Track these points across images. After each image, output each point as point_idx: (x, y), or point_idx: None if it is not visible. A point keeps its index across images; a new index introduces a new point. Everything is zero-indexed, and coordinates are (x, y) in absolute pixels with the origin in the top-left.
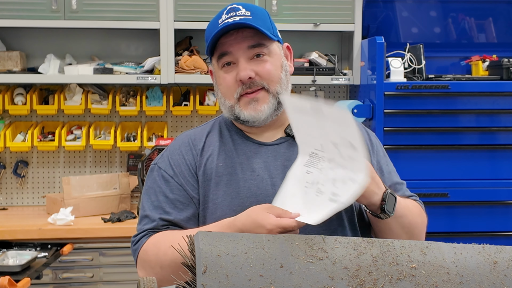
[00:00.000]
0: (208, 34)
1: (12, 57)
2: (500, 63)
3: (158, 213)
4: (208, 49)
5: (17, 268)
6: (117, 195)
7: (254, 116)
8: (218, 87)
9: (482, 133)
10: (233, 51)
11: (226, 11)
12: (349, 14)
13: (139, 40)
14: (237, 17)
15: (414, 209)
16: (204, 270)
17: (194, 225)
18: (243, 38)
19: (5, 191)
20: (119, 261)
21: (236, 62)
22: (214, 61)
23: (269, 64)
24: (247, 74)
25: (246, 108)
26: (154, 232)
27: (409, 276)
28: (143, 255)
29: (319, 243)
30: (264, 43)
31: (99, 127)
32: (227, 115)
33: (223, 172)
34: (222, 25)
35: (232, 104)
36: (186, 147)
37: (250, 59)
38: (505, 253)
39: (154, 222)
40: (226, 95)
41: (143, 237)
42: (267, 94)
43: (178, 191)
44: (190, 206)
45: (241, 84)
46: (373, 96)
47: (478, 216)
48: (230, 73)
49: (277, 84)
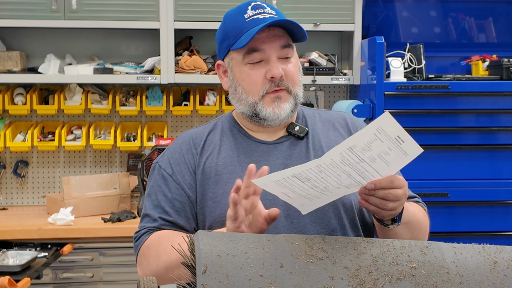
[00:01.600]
0: (232, 27)
1: (12, 57)
2: (500, 63)
3: (158, 212)
4: (229, 42)
5: (17, 268)
6: (117, 195)
7: (277, 113)
8: (237, 82)
9: (482, 133)
10: (265, 49)
11: (251, 7)
12: (349, 14)
13: (139, 40)
14: (267, 15)
15: (419, 214)
16: (204, 270)
17: (193, 225)
18: (275, 36)
19: (5, 191)
20: (119, 261)
21: (266, 60)
22: (237, 55)
23: (293, 66)
24: (280, 72)
25: (270, 105)
26: (155, 230)
27: (409, 276)
28: (144, 251)
29: (319, 243)
30: (291, 44)
31: (99, 127)
32: (244, 111)
33: (222, 171)
34: (255, 20)
35: (256, 101)
36: (187, 146)
37: (278, 58)
38: (505, 253)
39: (155, 222)
40: (249, 91)
41: (144, 234)
42: (289, 95)
43: (176, 190)
44: (188, 205)
45: (270, 82)
46: (373, 96)
47: (478, 216)
48: (257, 70)
49: (297, 85)
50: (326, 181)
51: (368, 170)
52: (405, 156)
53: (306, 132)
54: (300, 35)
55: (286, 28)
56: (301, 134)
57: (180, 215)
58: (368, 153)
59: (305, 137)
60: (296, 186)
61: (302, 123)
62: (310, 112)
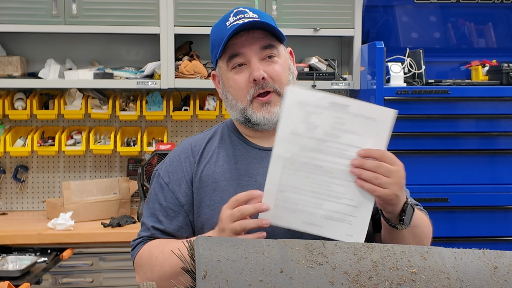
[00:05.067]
0: (216, 36)
1: (12, 62)
2: (500, 68)
3: (152, 221)
4: (215, 52)
5: (16, 273)
6: (117, 200)
7: (267, 118)
8: (227, 89)
9: (482, 138)
10: (245, 52)
11: (233, 14)
12: (349, 19)
13: (139, 45)
14: (246, 19)
15: (424, 219)
16: (204, 275)
17: (185, 234)
18: (254, 39)
19: (5, 196)
20: (119, 266)
21: (247, 63)
22: (222, 63)
23: (279, 66)
24: (261, 74)
25: (259, 110)
26: (148, 239)
27: (409, 281)
28: (138, 260)
29: (319, 248)
30: (274, 44)
31: (99, 132)
32: (237, 117)
33: (220, 178)
34: (234, 25)
35: (245, 106)
36: (185, 154)
37: (261, 60)
38: (505, 258)
39: (148, 231)
40: (237, 97)
41: (139, 244)
42: (278, 98)
43: (171, 199)
44: (181, 214)
45: (254, 85)
46: (373, 101)
47: (478, 221)
48: (241, 74)
49: (286, 86)
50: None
51: (342, 148)
52: (372, 120)
53: None
54: (278, 35)
55: (266, 29)
56: None
57: (172, 224)
58: (318, 130)
59: None
60: None
61: None
62: None
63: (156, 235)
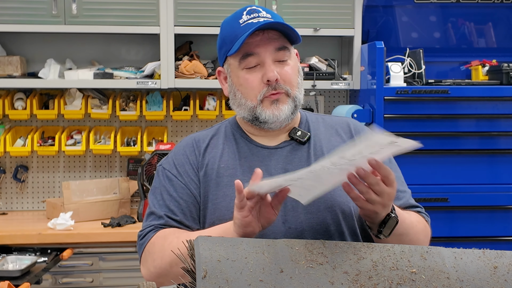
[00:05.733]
0: (228, 33)
1: (12, 61)
2: (500, 68)
3: (164, 210)
4: (225, 48)
5: (16, 273)
6: (117, 199)
7: (276, 115)
8: (236, 87)
9: (482, 137)
10: (259, 52)
11: (246, 12)
12: (349, 19)
13: (139, 45)
14: (261, 19)
15: (418, 225)
16: (204, 275)
17: (199, 226)
18: (269, 39)
19: (5, 195)
20: (119, 266)
21: (261, 63)
22: (233, 61)
23: (290, 68)
24: (275, 76)
25: (269, 108)
26: (161, 227)
27: (409, 281)
28: (150, 248)
29: (319, 248)
30: (287, 46)
31: (99, 132)
32: (244, 116)
33: (223, 174)
34: (250, 24)
35: (255, 105)
36: (190, 148)
37: (274, 61)
38: (505, 258)
39: (161, 219)
40: (248, 96)
41: (150, 232)
42: (287, 97)
43: (182, 190)
44: (193, 205)
45: (266, 85)
46: (373, 101)
47: (478, 221)
48: (254, 73)
49: (296, 88)
50: (319, 176)
51: (359, 163)
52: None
53: (308, 137)
54: (294, 36)
55: (281, 30)
56: (302, 139)
57: (185, 214)
58: (359, 155)
59: (307, 142)
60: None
61: (305, 128)
62: (314, 117)
63: (170, 223)
